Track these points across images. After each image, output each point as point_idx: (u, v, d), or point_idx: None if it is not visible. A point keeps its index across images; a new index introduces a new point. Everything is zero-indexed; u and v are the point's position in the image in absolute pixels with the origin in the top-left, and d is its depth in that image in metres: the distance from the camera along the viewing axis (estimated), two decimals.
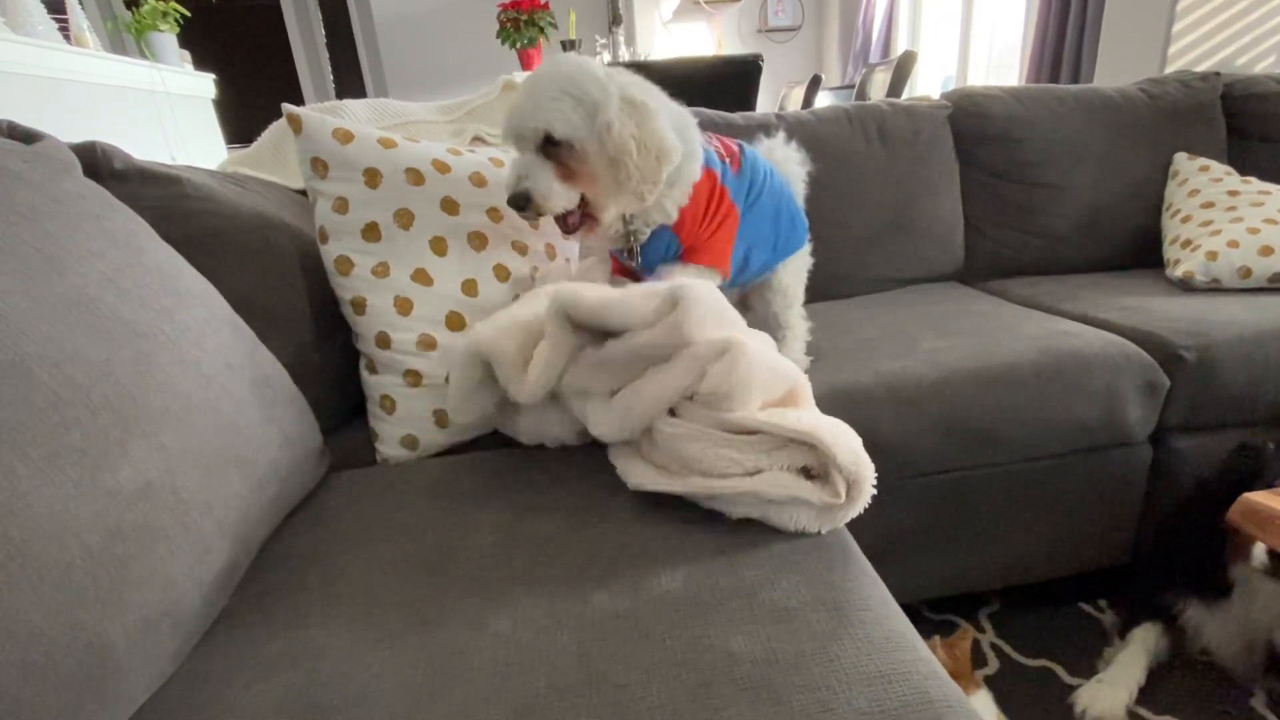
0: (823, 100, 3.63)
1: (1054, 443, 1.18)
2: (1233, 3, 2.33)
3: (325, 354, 1.03)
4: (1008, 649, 1.25)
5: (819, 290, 1.45)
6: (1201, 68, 2.32)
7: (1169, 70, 2.40)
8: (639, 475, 0.78)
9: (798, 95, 3.71)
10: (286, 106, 0.95)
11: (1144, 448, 1.25)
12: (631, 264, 1.10)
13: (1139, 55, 2.53)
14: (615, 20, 4.95)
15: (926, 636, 1.12)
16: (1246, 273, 1.42)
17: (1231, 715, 1.10)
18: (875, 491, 0.71)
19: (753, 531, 0.71)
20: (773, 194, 1.22)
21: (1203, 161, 1.69)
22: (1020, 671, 1.21)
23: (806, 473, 0.73)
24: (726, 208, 1.11)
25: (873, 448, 0.74)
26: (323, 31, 6.15)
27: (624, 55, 4.37)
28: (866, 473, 0.70)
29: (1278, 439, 1.23)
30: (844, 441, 0.70)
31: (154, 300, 0.67)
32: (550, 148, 0.93)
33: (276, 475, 0.75)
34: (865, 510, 0.72)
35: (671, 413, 0.80)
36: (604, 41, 4.30)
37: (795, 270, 1.31)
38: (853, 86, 3.95)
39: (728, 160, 1.13)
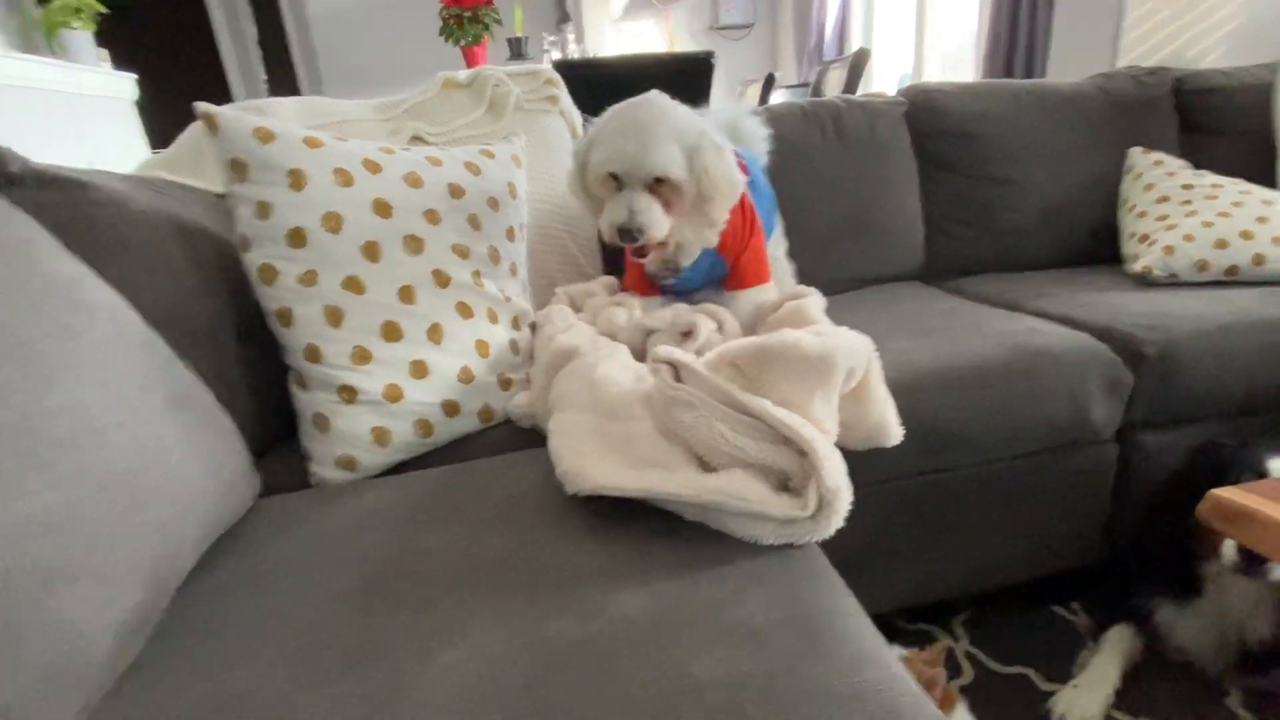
0: (778, 99, 3.67)
1: (1020, 442, 1.19)
2: None
3: (253, 370, 0.99)
4: (982, 657, 1.26)
5: None
6: (1150, 62, 2.41)
7: (1120, 64, 2.48)
8: (593, 474, 0.75)
9: (753, 94, 3.75)
10: (200, 105, 0.91)
11: (1110, 445, 1.27)
12: (669, 281, 1.25)
13: (1090, 50, 2.61)
14: (563, 18, 4.94)
15: (905, 647, 1.12)
16: (1204, 266, 1.47)
17: (1207, 715, 1.12)
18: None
19: (717, 546, 0.70)
20: (758, 182, 1.36)
21: (1157, 156, 1.74)
22: (996, 679, 1.21)
23: (785, 483, 0.73)
24: (754, 224, 1.27)
25: (845, 447, 0.74)
26: (253, 28, 6.01)
27: (573, 53, 4.36)
28: (842, 501, 0.70)
29: (1241, 435, 1.27)
30: (834, 464, 0.70)
31: (53, 316, 0.63)
32: (655, 184, 1.07)
33: (199, 503, 0.71)
34: None
35: (677, 378, 0.82)
36: (552, 39, 4.28)
37: (778, 241, 1.49)
38: (808, 85, 4.01)
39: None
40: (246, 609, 0.67)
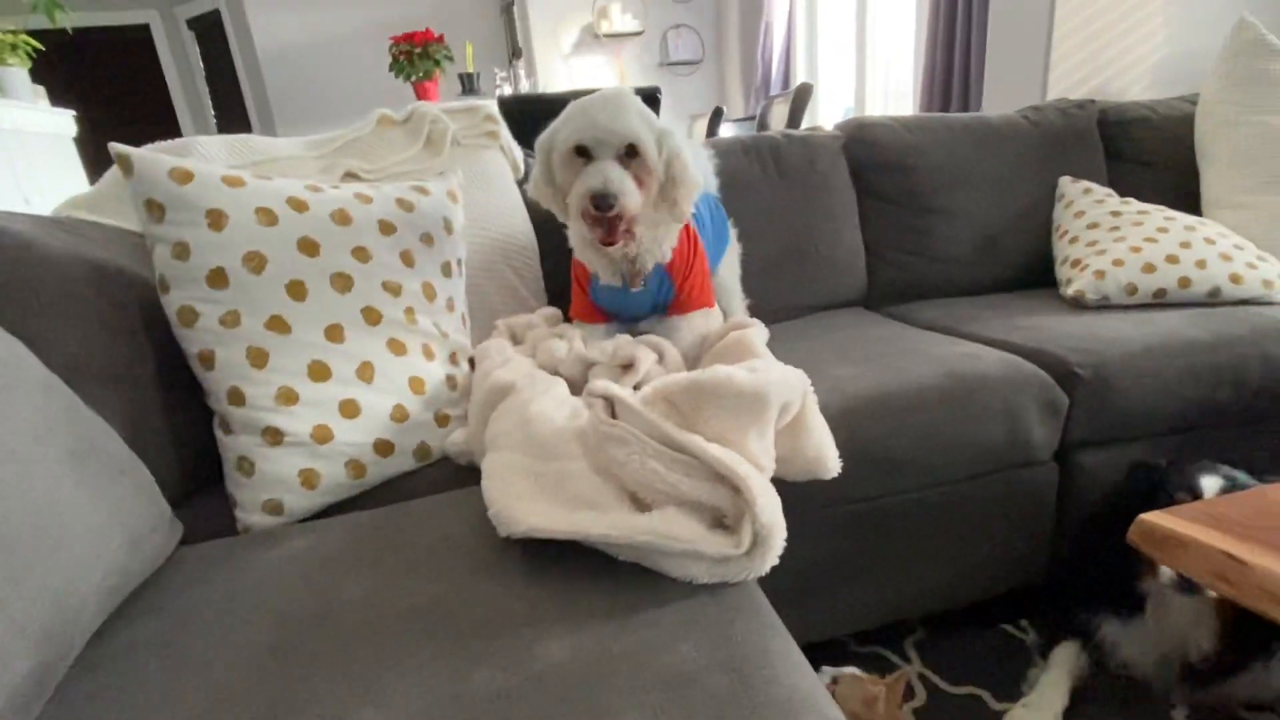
0: (725, 132, 3.72)
1: (963, 465, 1.19)
2: (1103, 34, 2.52)
3: (175, 414, 0.95)
4: (935, 678, 1.25)
5: None
6: (1077, 95, 2.49)
7: (1049, 98, 2.56)
8: (525, 517, 0.73)
9: (701, 127, 3.80)
10: (114, 145, 0.87)
11: (1050, 466, 1.28)
12: (635, 287, 1.23)
13: (1021, 84, 2.69)
14: (515, 53, 4.97)
15: (867, 671, 1.11)
16: (1132, 289, 1.50)
17: None
18: (786, 538, 0.70)
19: (651, 586, 0.68)
20: (707, 207, 1.37)
21: (1085, 184, 1.79)
22: (948, 700, 1.20)
23: (720, 520, 0.71)
24: (697, 246, 1.27)
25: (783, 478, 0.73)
26: (200, 63, 5.94)
27: (524, 88, 4.38)
28: (777, 537, 0.69)
29: (1173, 452, 1.29)
30: (769, 501, 0.69)
31: None
32: (625, 158, 1.06)
33: (102, 559, 0.67)
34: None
35: (613, 414, 0.80)
36: (504, 74, 4.30)
37: (731, 266, 1.51)
38: (754, 118, 4.07)
39: None
40: (155, 667, 0.63)
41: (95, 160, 3.14)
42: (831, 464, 0.91)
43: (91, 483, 0.69)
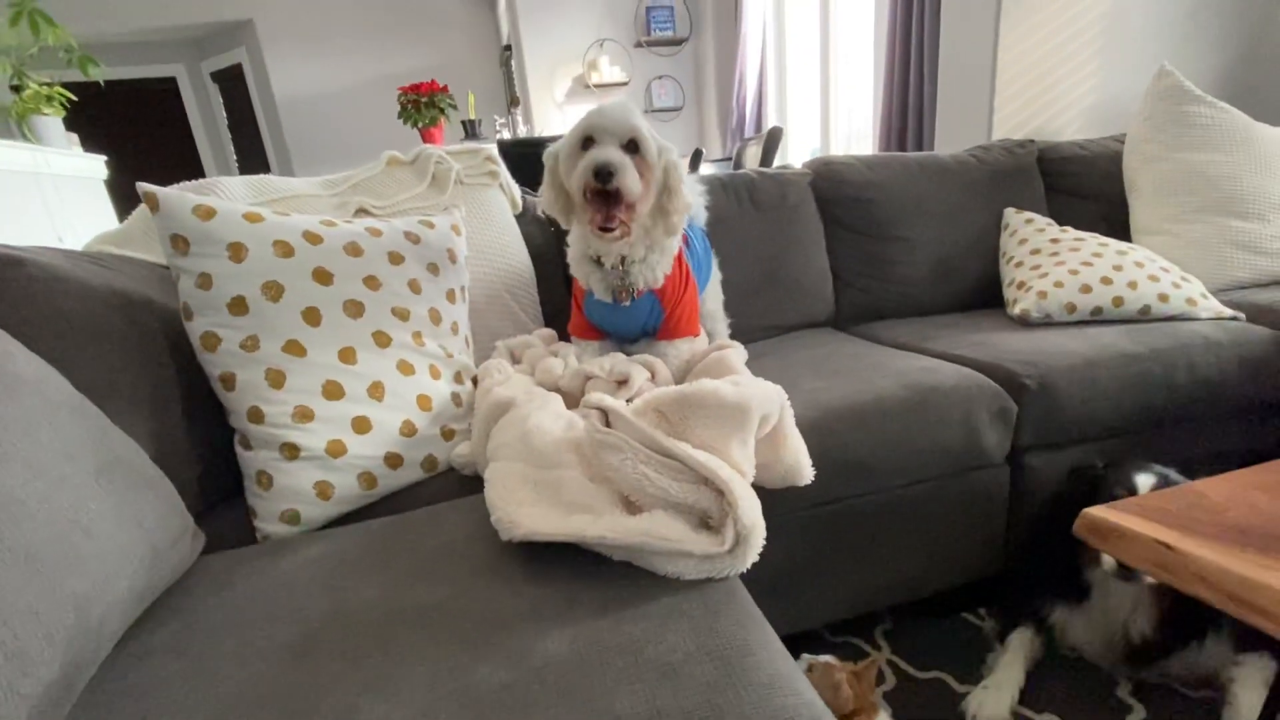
0: (705, 171, 3.75)
1: (923, 468, 1.20)
2: (1040, 81, 2.58)
3: (199, 432, 0.93)
4: (902, 664, 1.25)
5: None
6: (1019, 135, 2.54)
7: (994, 138, 2.60)
8: (525, 521, 0.72)
9: (682, 167, 3.81)
10: (142, 185, 0.87)
11: (1002, 468, 1.28)
12: (625, 302, 1.21)
13: (969, 126, 2.74)
14: (513, 101, 5.00)
15: (841, 659, 1.10)
16: (1071, 308, 1.52)
17: (1100, 705, 1.11)
18: (766, 537, 0.70)
19: (642, 583, 0.67)
20: (697, 238, 1.37)
21: (1028, 215, 1.81)
22: (915, 684, 1.20)
23: (705, 521, 0.71)
24: (689, 278, 1.26)
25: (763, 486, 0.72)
26: (224, 112, 5.93)
27: (522, 132, 4.41)
28: (757, 536, 0.69)
29: (1110, 455, 1.30)
30: (750, 504, 0.69)
31: None
32: (627, 151, 1.05)
33: (127, 569, 0.65)
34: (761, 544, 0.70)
35: (607, 423, 0.80)
36: (503, 121, 4.32)
37: (715, 294, 1.51)
38: (730, 159, 4.11)
39: None
40: (177, 669, 0.62)
41: (125, 201, 3.13)
42: (806, 472, 0.91)
43: (118, 497, 0.68)
